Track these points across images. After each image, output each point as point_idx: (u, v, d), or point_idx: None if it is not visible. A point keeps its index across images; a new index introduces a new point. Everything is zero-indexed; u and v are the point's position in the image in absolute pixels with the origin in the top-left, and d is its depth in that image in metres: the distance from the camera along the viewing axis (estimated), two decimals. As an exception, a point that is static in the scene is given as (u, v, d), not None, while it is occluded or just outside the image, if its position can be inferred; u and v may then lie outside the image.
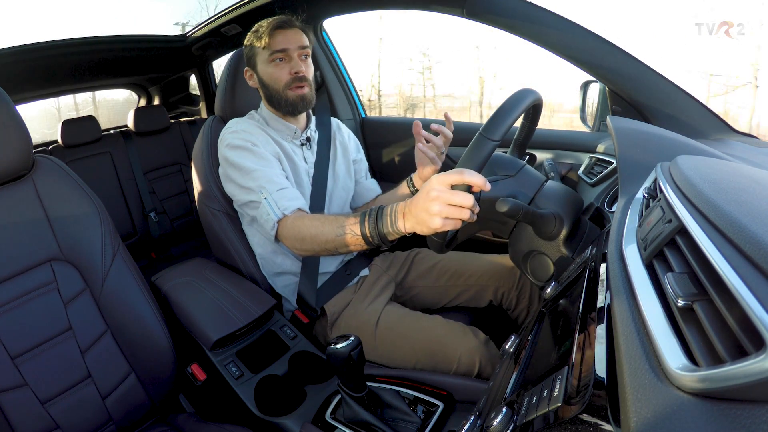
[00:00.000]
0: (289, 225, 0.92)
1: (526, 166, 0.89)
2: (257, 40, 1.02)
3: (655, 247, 0.38)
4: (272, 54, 1.00)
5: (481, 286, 1.13)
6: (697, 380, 0.24)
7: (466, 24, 1.18)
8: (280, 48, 1.00)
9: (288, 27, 1.01)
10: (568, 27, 1.04)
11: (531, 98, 0.72)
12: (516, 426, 0.39)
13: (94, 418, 0.81)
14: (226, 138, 1.02)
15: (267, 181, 0.95)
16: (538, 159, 1.33)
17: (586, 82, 1.20)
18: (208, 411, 0.98)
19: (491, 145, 0.66)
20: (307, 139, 1.12)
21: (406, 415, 0.75)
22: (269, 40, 1.00)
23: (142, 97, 2.88)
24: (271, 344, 0.95)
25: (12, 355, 0.75)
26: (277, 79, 1.02)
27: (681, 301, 0.29)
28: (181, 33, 2.21)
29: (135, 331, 0.86)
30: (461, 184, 0.64)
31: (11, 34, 5.59)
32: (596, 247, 0.61)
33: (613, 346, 0.34)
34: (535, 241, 0.82)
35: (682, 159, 0.50)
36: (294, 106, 1.04)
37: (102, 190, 1.56)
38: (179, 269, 1.09)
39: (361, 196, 1.25)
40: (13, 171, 0.81)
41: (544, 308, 0.61)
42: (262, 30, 1.01)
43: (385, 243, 0.78)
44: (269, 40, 1.00)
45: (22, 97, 2.08)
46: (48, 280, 0.81)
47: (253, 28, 1.04)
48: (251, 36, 1.04)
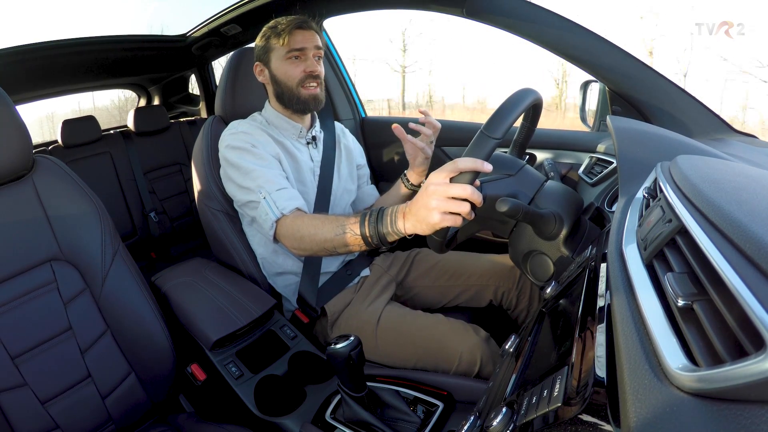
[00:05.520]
0: (287, 224, 0.92)
1: (526, 165, 0.89)
2: (275, 37, 1.02)
3: (655, 247, 0.38)
4: (290, 51, 1.01)
5: (481, 286, 1.13)
6: (697, 380, 0.24)
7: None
8: (298, 47, 1.01)
9: (306, 27, 1.02)
10: (568, 27, 1.04)
11: (531, 97, 0.72)
12: (516, 426, 0.39)
13: (93, 417, 0.81)
14: (226, 139, 1.03)
15: (266, 181, 0.95)
16: (538, 159, 1.33)
17: (586, 82, 1.20)
18: (208, 411, 0.98)
19: (493, 143, 0.66)
20: (313, 138, 1.13)
21: (406, 415, 0.75)
22: (289, 38, 1.00)
23: (142, 97, 2.88)
24: (271, 344, 0.95)
25: (12, 355, 0.75)
26: (291, 76, 1.02)
27: (681, 300, 0.29)
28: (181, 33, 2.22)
29: (135, 331, 0.86)
30: (458, 174, 0.65)
31: (11, 34, 5.58)
32: (596, 247, 0.61)
33: (613, 346, 0.34)
34: (535, 241, 0.82)
35: (682, 159, 0.50)
36: (305, 104, 1.04)
37: (102, 190, 1.56)
38: (179, 269, 1.09)
39: (361, 201, 1.26)
40: (13, 171, 0.81)
41: (544, 308, 0.61)
42: (281, 27, 1.02)
43: (384, 244, 0.78)
44: (289, 38, 1.00)
45: (22, 97, 2.08)
46: (48, 280, 0.81)
47: (270, 24, 1.05)
48: (268, 31, 1.04)
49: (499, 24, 1.12)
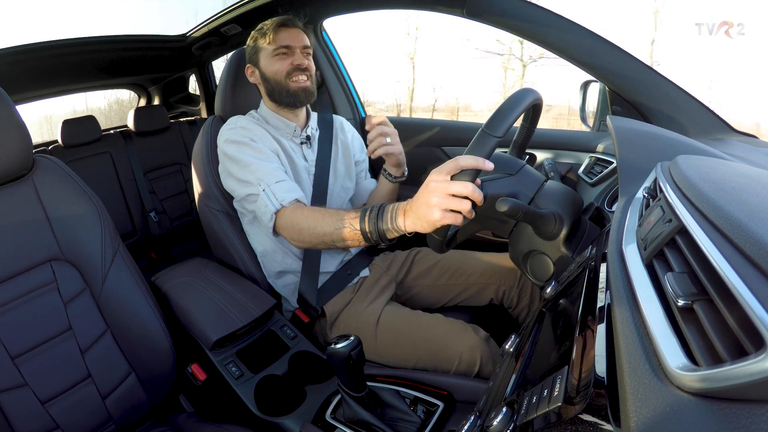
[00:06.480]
0: (287, 216, 0.92)
1: (526, 165, 0.89)
2: (261, 37, 1.04)
3: (655, 246, 0.38)
4: (276, 49, 1.02)
5: (482, 285, 1.13)
6: (697, 380, 0.24)
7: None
8: (284, 44, 1.02)
9: (291, 25, 1.03)
10: (568, 27, 1.04)
11: (531, 97, 0.72)
12: (516, 426, 0.39)
13: (94, 418, 0.81)
14: (225, 134, 1.03)
15: (265, 174, 0.96)
16: (538, 159, 1.33)
17: (586, 82, 1.20)
18: (208, 411, 0.98)
19: (494, 141, 0.66)
20: (307, 137, 1.13)
21: (406, 415, 0.75)
22: (274, 36, 1.02)
23: (142, 97, 2.88)
24: (271, 344, 0.95)
25: (12, 355, 0.75)
26: (278, 70, 1.03)
27: (681, 300, 0.29)
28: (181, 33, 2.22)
29: (135, 331, 0.86)
30: (459, 172, 0.65)
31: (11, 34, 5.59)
32: (596, 247, 0.61)
33: (613, 346, 0.34)
34: (535, 241, 0.82)
35: (682, 159, 0.50)
36: (295, 97, 1.04)
37: (102, 190, 1.56)
38: (179, 269, 1.09)
39: (359, 196, 1.25)
40: (13, 171, 0.81)
41: (544, 308, 0.61)
42: (266, 27, 1.04)
43: (383, 240, 0.78)
44: (274, 35, 1.02)
45: (22, 97, 2.08)
46: (48, 280, 0.81)
47: (257, 27, 1.07)
48: (255, 34, 1.06)
49: (499, 24, 1.12)
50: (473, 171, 0.65)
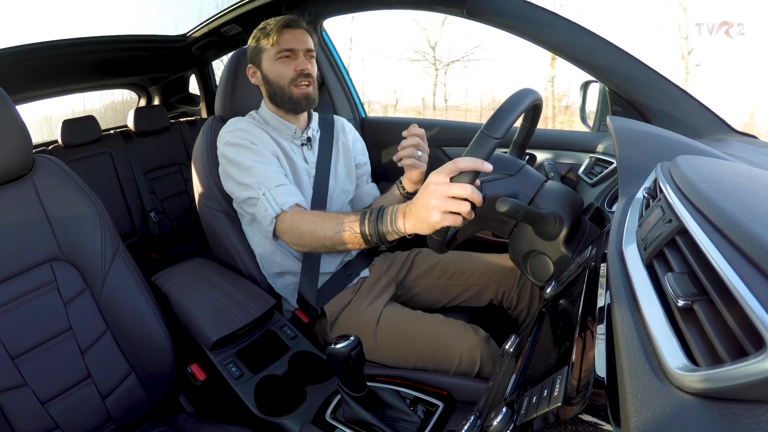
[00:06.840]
0: (287, 220, 0.92)
1: (526, 166, 0.89)
2: (264, 38, 1.02)
3: (655, 247, 0.38)
4: (279, 52, 1.01)
5: (481, 285, 1.13)
6: (697, 380, 0.24)
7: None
8: (288, 47, 1.01)
9: (295, 27, 1.02)
10: (568, 27, 1.04)
11: (531, 98, 0.72)
12: (516, 426, 0.39)
13: (94, 418, 0.81)
14: (224, 136, 1.02)
15: (265, 178, 0.95)
16: (538, 159, 1.33)
17: (586, 82, 1.20)
18: (208, 411, 0.98)
19: (493, 142, 0.66)
20: (308, 139, 1.12)
21: (406, 415, 0.75)
22: (278, 38, 1.00)
23: (142, 97, 2.88)
24: (271, 344, 0.95)
25: (12, 355, 0.75)
26: (282, 75, 1.02)
27: (681, 301, 0.29)
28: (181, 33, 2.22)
29: (135, 331, 0.86)
30: (458, 174, 0.65)
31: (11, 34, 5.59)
32: (596, 247, 0.61)
33: (613, 346, 0.34)
34: (535, 241, 0.82)
35: (682, 159, 0.50)
36: (297, 104, 1.04)
37: (102, 190, 1.57)
38: (179, 269, 1.09)
39: (360, 200, 1.25)
40: (13, 171, 0.81)
41: (544, 308, 0.61)
42: (270, 27, 1.02)
43: (383, 243, 0.78)
44: (278, 37, 1.00)
45: (22, 97, 2.08)
46: (48, 280, 0.81)
47: (259, 26, 1.05)
48: (258, 33, 1.04)
49: (500, 24, 1.12)
50: (472, 173, 0.65)
